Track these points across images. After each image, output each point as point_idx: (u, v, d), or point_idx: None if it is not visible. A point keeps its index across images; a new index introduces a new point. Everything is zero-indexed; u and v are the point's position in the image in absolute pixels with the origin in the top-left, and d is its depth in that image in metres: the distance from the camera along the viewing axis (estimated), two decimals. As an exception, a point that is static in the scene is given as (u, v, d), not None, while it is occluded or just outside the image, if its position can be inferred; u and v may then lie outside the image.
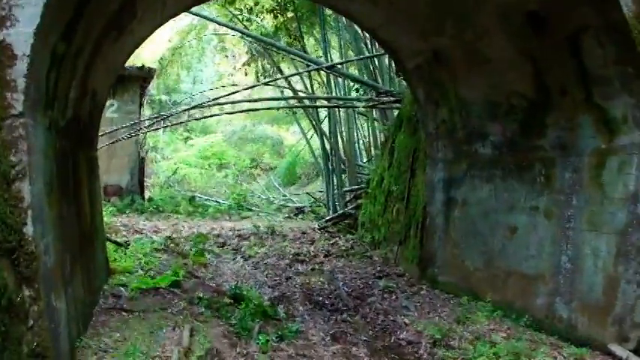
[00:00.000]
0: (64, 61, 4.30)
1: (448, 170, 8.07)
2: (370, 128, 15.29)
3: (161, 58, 22.28)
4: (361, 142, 17.28)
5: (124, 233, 11.23)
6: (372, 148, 15.42)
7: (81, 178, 5.53)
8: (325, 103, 15.04)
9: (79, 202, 5.32)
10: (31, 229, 3.46)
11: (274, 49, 16.71)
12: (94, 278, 5.83)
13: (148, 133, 18.38)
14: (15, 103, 3.47)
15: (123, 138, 13.96)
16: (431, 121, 8.29)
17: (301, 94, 16.70)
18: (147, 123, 15.54)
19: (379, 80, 13.34)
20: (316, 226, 13.77)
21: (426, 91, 8.21)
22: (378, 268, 9.36)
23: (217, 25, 20.08)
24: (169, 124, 18.12)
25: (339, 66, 13.00)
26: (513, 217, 6.69)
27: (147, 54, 21.84)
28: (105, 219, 8.13)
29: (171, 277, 7.02)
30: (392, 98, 11.62)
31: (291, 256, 10.34)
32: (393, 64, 12.86)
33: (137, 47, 7.29)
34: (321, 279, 8.65)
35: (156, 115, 16.37)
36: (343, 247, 11.26)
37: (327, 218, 13.91)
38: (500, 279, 6.82)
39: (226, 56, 24.86)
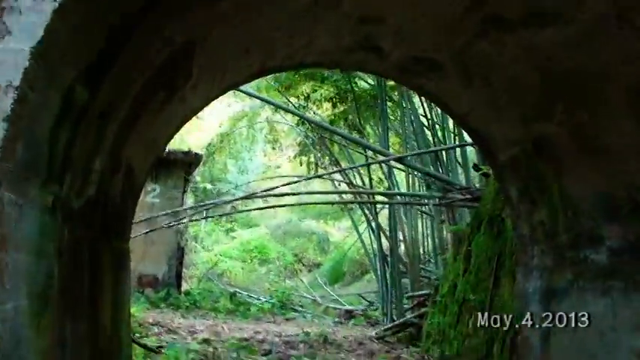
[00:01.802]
0: (86, 115, 2.91)
1: (547, 280, 6.53)
2: (435, 228, 13.82)
3: (209, 145, 21.50)
4: (422, 243, 15.83)
5: (156, 332, 9.93)
6: (437, 250, 13.91)
7: (102, 280, 4.05)
8: (386, 199, 13.69)
9: (96, 312, 3.86)
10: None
11: (331, 140, 15.69)
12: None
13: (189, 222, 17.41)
14: (-17, 164, 2.00)
15: (163, 226, 12.78)
16: (524, 223, 6.87)
17: (359, 189, 15.46)
18: (190, 212, 14.43)
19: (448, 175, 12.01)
20: (373, 334, 12.19)
21: (520, 187, 6.82)
22: (455, 392, 7.78)
23: (270, 114, 19.36)
24: (213, 215, 17.04)
25: (408, 158, 11.75)
26: (640, 339, 5.23)
27: (193, 139, 21.25)
28: (137, 314, 6.95)
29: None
30: (468, 196, 10.20)
31: (350, 373, 8.78)
32: (465, 157, 11.73)
33: (186, 121, 6.04)
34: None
35: (200, 204, 15.31)
36: (409, 363, 9.64)
37: (387, 327, 12.28)
38: (624, 417, 5.26)
39: (273, 148, 24.02)
